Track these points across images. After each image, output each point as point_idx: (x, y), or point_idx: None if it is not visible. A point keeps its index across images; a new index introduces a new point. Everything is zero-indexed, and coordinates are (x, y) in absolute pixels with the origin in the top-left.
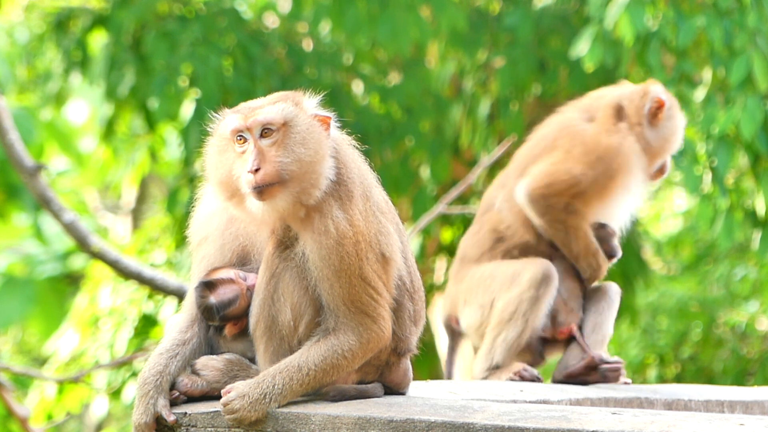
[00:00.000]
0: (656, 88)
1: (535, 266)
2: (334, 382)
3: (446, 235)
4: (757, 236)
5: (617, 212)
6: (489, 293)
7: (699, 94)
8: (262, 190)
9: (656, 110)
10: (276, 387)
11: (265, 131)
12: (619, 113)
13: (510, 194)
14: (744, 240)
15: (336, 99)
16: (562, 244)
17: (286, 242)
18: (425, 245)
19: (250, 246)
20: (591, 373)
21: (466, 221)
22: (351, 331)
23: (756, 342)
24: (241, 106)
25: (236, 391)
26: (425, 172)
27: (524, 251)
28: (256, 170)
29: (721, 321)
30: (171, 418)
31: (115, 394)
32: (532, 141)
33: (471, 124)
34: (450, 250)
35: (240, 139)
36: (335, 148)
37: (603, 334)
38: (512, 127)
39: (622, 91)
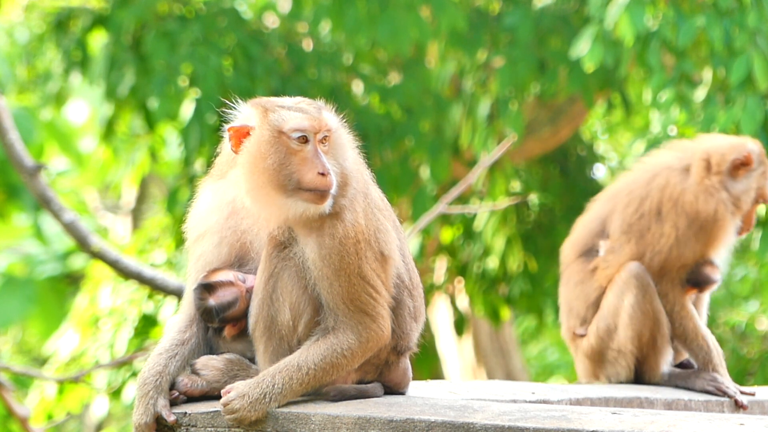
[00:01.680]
0: (750, 145)
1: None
2: (333, 381)
3: (446, 235)
4: (757, 236)
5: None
6: None
7: (699, 94)
8: (324, 194)
9: (740, 164)
10: (276, 386)
11: (324, 137)
12: (709, 166)
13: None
14: (744, 240)
15: (336, 99)
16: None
17: (284, 242)
18: (425, 245)
19: (248, 244)
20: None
21: (465, 221)
22: (350, 330)
23: (756, 342)
24: (297, 104)
25: (236, 391)
26: (425, 172)
27: None
28: (323, 174)
29: (721, 321)
30: (171, 418)
31: (115, 394)
32: (631, 195)
33: (471, 124)
34: (449, 251)
35: (301, 138)
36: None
37: None
38: (512, 126)
39: (715, 143)
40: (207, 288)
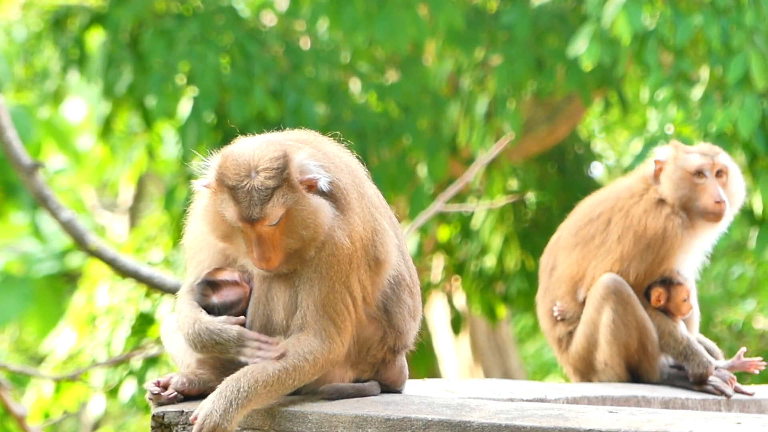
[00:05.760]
0: (658, 150)
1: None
2: (296, 385)
3: (443, 233)
4: (754, 234)
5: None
6: None
7: (696, 93)
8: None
9: (658, 171)
10: (241, 391)
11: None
12: (645, 183)
13: None
14: (741, 238)
15: (333, 97)
16: None
17: None
18: (422, 243)
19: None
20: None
21: (463, 219)
22: (315, 335)
23: (753, 340)
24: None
25: (202, 413)
26: (422, 170)
27: None
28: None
29: (718, 320)
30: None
31: (112, 392)
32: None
33: (468, 122)
34: (447, 249)
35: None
36: (325, 158)
37: None
38: (509, 124)
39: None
40: (211, 285)
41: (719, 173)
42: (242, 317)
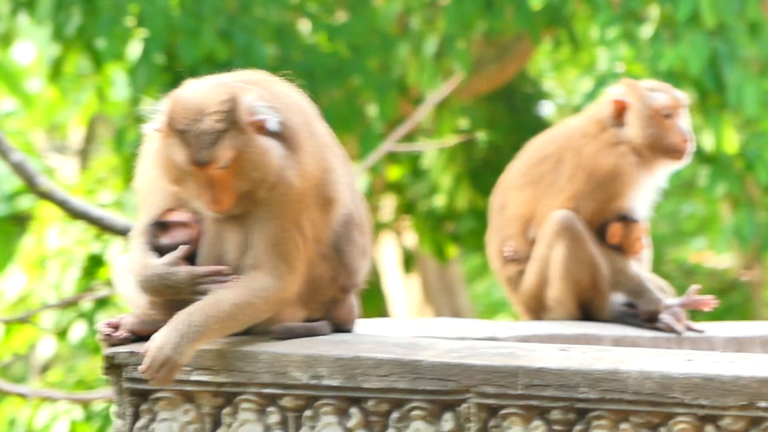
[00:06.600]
0: (613, 91)
1: None
2: (248, 322)
3: (393, 173)
4: (704, 172)
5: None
6: None
7: (646, 31)
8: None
9: (619, 111)
10: (192, 325)
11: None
12: (601, 124)
13: None
14: (691, 176)
15: (283, 38)
16: None
17: None
18: (372, 183)
19: None
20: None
21: (413, 159)
22: (267, 273)
23: (703, 278)
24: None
25: (154, 345)
26: (372, 110)
27: None
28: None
29: (668, 258)
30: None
31: (62, 334)
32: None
33: (418, 62)
34: (397, 188)
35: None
36: (275, 98)
37: None
38: (459, 64)
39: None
40: (162, 226)
41: (680, 111)
42: (185, 246)
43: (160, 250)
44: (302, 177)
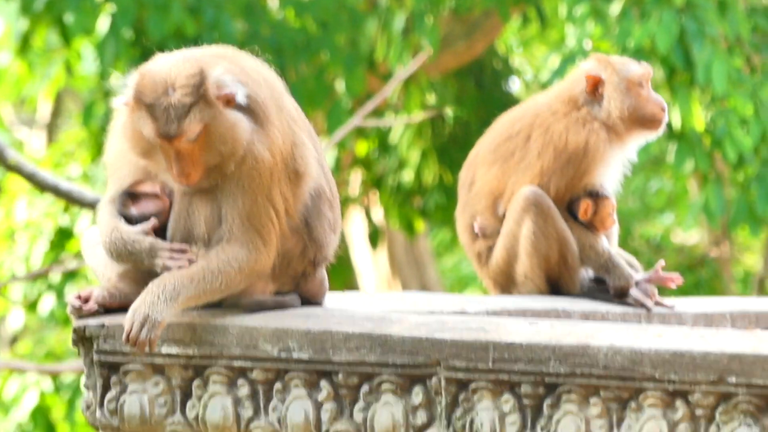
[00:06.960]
0: (586, 66)
1: None
2: (222, 291)
3: (361, 148)
4: (672, 149)
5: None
6: None
7: (615, 8)
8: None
9: (593, 87)
10: (167, 286)
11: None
12: (573, 101)
13: None
14: (659, 152)
15: (251, 13)
16: None
17: None
18: (340, 158)
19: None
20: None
21: (381, 134)
22: (241, 245)
23: (671, 254)
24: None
25: (131, 309)
26: (340, 85)
27: None
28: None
29: (636, 233)
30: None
31: (31, 306)
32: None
33: (386, 38)
34: (365, 163)
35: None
36: (243, 72)
37: None
38: (427, 40)
39: (570, 77)
40: (131, 197)
41: (649, 81)
42: (154, 221)
43: (129, 220)
44: (271, 151)
